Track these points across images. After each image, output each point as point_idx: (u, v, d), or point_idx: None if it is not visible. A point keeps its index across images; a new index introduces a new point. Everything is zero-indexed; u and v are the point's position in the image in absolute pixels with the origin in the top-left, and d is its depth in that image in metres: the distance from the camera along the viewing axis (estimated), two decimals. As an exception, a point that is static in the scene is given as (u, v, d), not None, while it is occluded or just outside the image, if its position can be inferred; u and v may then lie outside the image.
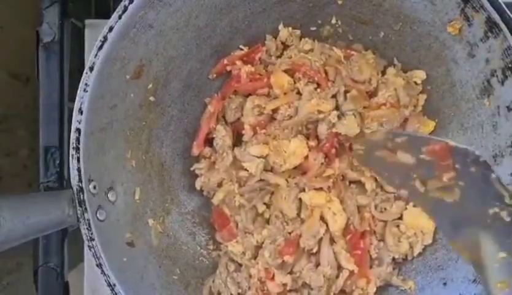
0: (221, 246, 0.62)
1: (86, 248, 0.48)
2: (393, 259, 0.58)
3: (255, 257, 0.60)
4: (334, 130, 0.56)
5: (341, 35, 0.61)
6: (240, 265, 0.60)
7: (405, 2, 0.53)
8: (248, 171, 0.58)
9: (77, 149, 0.48)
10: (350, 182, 0.60)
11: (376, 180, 0.58)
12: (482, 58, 0.50)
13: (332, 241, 0.58)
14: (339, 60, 0.60)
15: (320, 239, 0.58)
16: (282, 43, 0.62)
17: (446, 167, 0.44)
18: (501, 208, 0.43)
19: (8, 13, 0.76)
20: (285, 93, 0.60)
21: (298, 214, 0.59)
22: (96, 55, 0.47)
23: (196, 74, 0.60)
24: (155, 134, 0.59)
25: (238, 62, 0.61)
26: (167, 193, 0.62)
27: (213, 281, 0.61)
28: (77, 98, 0.48)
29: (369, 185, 0.58)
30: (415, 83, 0.59)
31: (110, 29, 0.48)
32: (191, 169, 0.63)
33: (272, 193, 0.60)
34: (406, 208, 0.59)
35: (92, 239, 0.48)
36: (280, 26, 0.61)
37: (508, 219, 0.44)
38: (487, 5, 0.46)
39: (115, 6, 0.49)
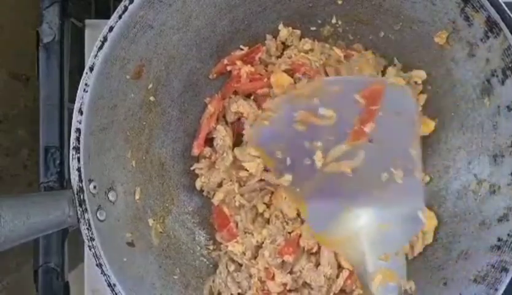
0: (221, 246, 0.62)
1: (86, 248, 0.48)
2: (393, 258, 0.59)
3: (255, 257, 0.60)
4: (334, 130, 0.56)
5: (341, 35, 0.61)
6: (241, 265, 0.61)
7: (405, 2, 0.53)
8: (248, 171, 0.58)
9: (77, 149, 0.48)
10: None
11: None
12: (482, 58, 0.50)
13: (332, 241, 0.58)
14: (339, 60, 0.60)
15: (320, 239, 0.58)
16: (282, 43, 0.62)
17: (370, 115, 0.44)
18: (396, 168, 0.44)
19: (8, 13, 0.76)
20: (285, 93, 0.59)
21: (298, 214, 0.59)
22: (96, 55, 0.47)
23: (196, 74, 0.60)
24: (155, 134, 0.59)
25: (238, 63, 0.61)
26: (167, 193, 0.62)
27: (213, 281, 0.61)
28: (77, 98, 0.48)
29: (369, 185, 0.58)
30: (416, 83, 0.59)
31: (110, 29, 0.48)
32: (191, 169, 0.63)
33: (272, 193, 0.60)
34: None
35: (92, 239, 0.48)
36: (280, 26, 0.61)
37: (400, 181, 0.45)
38: (487, 5, 0.46)
39: (115, 6, 0.49)
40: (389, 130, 0.46)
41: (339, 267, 0.58)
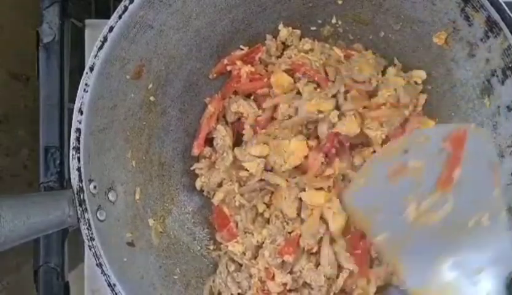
0: (221, 246, 0.62)
1: (86, 248, 0.49)
2: (393, 258, 0.58)
3: (255, 257, 0.60)
4: (334, 130, 0.56)
5: (341, 35, 0.61)
6: (241, 265, 0.61)
7: (405, 2, 0.53)
8: (248, 171, 0.58)
9: (77, 149, 0.48)
10: (351, 182, 0.60)
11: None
12: (482, 58, 0.50)
13: (332, 240, 0.58)
14: (339, 60, 0.60)
15: (320, 239, 0.58)
16: (282, 43, 0.62)
17: (457, 160, 0.45)
18: (482, 212, 0.45)
19: (8, 13, 0.76)
20: (285, 93, 0.60)
21: (298, 214, 0.59)
22: (96, 55, 0.47)
23: (196, 74, 0.60)
24: (155, 134, 0.59)
25: (238, 62, 0.61)
26: (167, 193, 0.62)
27: (213, 281, 0.61)
28: (77, 98, 0.48)
29: (370, 185, 0.58)
30: (416, 83, 0.59)
31: (110, 29, 0.48)
32: (191, 169, 0.63)
33: (272, 193, 0.60)
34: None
35: (92, 239, 0.48)
36: (280, 26, 0.61)
37: (487, 224, 0.45)
38: (487, 5, 0.46)
39: (115, 6, 0.49)
40: (473, 175, 0.46)
41: (339, 267, 0.58)
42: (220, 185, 0.62)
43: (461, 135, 0.46)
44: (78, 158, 0.48)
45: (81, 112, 0.47)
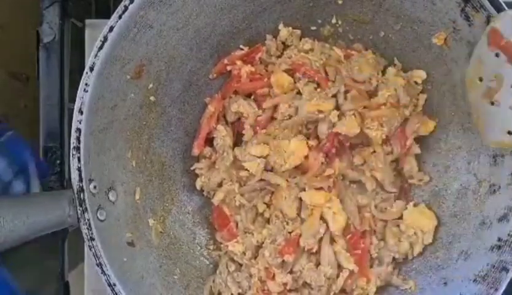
0: (221, 245, 0.62)
1: (86, 248, 0.49)
2: (394, 258, 0.59)
3: (255, 256, 0.60)
4: (334, 130, 0.56)
5: (341, 35, 0.61)
6: (241, 264, 0.61)
7: (405, 2, 0.53)
8: (248, 171, 0.58)
9: (78, 148, 0.48)
10: (350, 182, 0.60)
11: (376, 180, 0.58)
12: (483, 58, 0.50)
13: (332, 240, 0.58)
14: (339, 60, 0.60)
15: (320, 239, 0.58)
16: (282, 43, 0.62)
17: (508, 48, 0.45)
18: None
19: (8, 13, 0.76)
20: (285, 93, 0.60)
21: (298, 214, 0.59)
22: (96, 55, 0.47)
23: (196, 73, 0.60)
24: (155, 134, 0.59)
25: (238, 62, 0.61)
26: (167, 193, 0.62)
27: (213, 281, 0.61)
28: (77, 98, 0.48)
29: (370, 185, 0.58)
30: (416, 83, 0.58)
31: (110, 29, 0.48)
32: (191, 169, 0.63)
33: (273, 193, 0.60)
34: (406, 208, 0.59)
35: (92, 239, 0.48)
36: (280, 26, 0.61)
37: None
38: (487, 5, 0.46)
39: (115, 6, 0.49)
40: None
41: (339, 267, 0.58)
42: (220, 185, 0.62)
43: (492, 32, 0.46)
44: (79, 158, 0.48)
45: (81, 112, 0.47)
